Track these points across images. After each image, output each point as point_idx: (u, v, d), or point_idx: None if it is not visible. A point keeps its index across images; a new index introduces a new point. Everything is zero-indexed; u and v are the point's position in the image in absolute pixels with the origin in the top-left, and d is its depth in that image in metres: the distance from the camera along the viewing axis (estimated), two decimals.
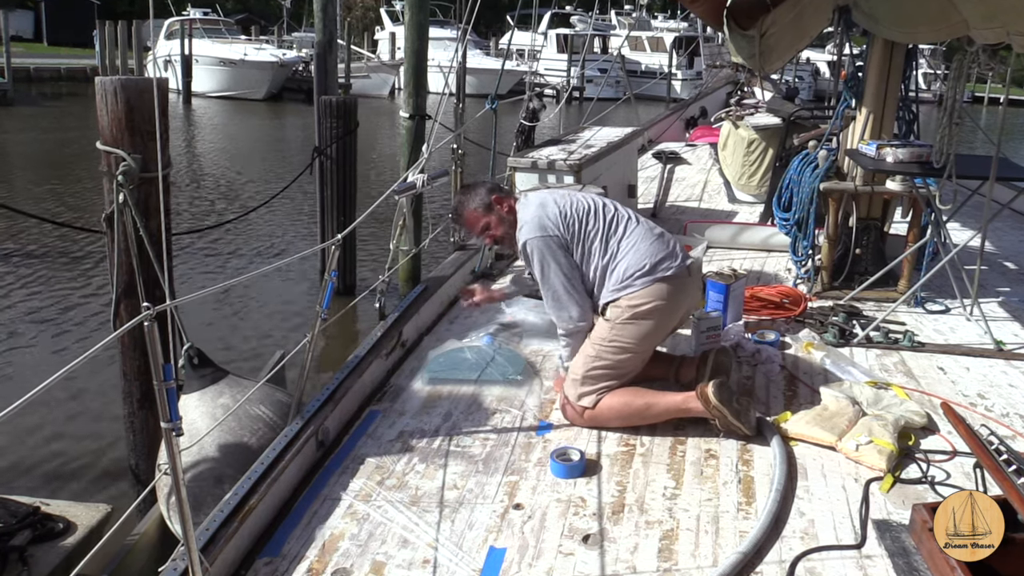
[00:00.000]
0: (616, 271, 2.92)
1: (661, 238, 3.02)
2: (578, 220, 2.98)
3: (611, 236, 2.97)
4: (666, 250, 2.97)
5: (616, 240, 2.96)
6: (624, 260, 2.92)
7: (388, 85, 29.06)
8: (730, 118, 7.57)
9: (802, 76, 28.78)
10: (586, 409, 2.90)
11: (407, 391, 3.23)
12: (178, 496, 1.83)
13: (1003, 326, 4.08)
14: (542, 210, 3.00)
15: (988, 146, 4.29)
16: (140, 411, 3.81)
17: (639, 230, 3.00)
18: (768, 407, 3.13)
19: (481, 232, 3.18)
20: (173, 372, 1.79)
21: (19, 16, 36.47)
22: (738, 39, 5.21)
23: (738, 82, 12.02)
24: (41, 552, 2.61)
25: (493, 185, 3.23)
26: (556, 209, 3.00)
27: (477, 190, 3.18)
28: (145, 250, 3.44)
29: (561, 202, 3.03)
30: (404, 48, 6.38)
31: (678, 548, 2.27)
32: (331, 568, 2.18)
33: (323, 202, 7.25)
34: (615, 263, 2.93)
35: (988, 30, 3.45)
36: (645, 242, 2.96)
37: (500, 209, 3.13)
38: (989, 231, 5.32)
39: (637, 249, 2.93)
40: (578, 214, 2.99)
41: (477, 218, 3.15)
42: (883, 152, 4.13)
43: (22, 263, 8.09)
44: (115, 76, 3.46)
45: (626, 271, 2.90)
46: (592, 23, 24.92)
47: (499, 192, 3.18)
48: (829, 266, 4.49)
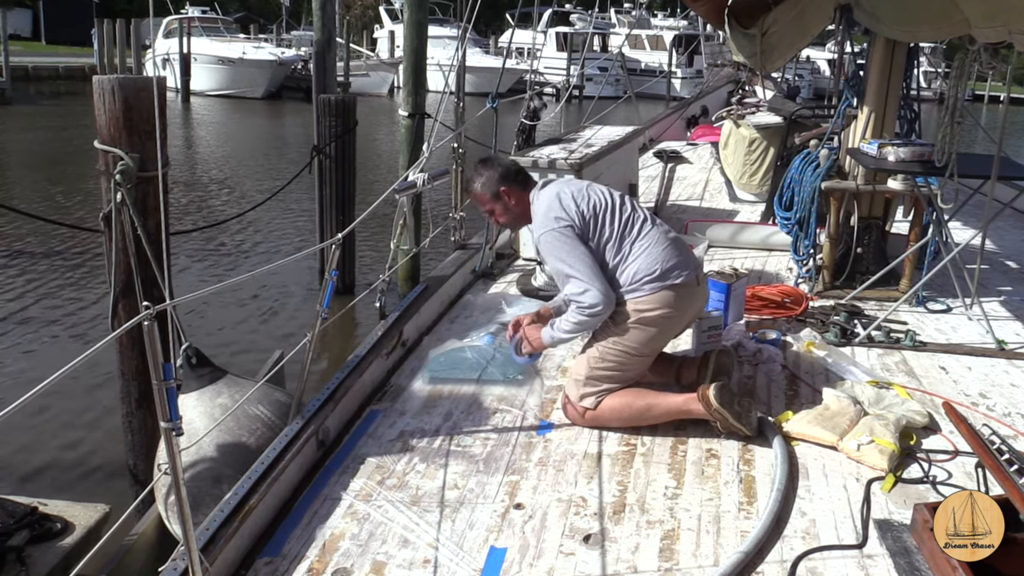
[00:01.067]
0: (626, 272, 2.87)
1: (675, 243, 2.97)
2: (594, 216, 2.91)
3: (625, 236, 2.91)
4: (679, 256, 2.92)
5: (630, 241, 2.90)
6: (635, 262, 2.87)
7: (387, 83, 29.03)
8: (731, 117, 7.56)
9: (801, 74, 28.72)
10: (587, 410, 2.89)
11: (408, 391, 3.23)
12: (178, 496, 1.83)
13: (1005, 325, 4.07)
14: (557, 202, 2.93)
15: (987, 145, 4.28)
16: (138, 411, 3.80)
17: (653, 233, 2.93)
18: (769, 407, 3.13)
19: (487, 212, 3.21)
20: (173, 371, 1.78)
21: (17, 14, 36.37)
22: (739, 37, 5.20)
23: (739, 81, 12.00)
24: (39, 552, 2.59)
25: (507, 171, 3.12)
26: (572, 203, 2.92)
27: (491, 172, 3.11)
28: (143, 249, 3.42)
29: (578, 196, 2.95)
30: (403, 46, 6.38)
31: (679, 548, 2.27)
32: (331, 568, 2.17)
33: (322, 201, 7.23)
34: (626, 264, 2.88)
35: (989, 29, 3.44)
36: (659, 246, 2.90)
37: (508, 200, 3.09)
38: (991, 230, 5.32)
39: (649, 253, 2.87)
40: (594, 210, 2.92)
41: (484, 200, 3.14)
42: (885, 151, 4.12)
43: (19, 262, 8.06)
44: (113, 75, 3.45)
45: (636, 274, 2.85)
46: (592, 21, 24.88)
47: (511, 183, 3.09)
48: (830, 265, 4.48)
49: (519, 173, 3.15)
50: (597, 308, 2.81)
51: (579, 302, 2.83)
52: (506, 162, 3.22)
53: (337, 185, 7.10)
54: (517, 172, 3.14)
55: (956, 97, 3.88)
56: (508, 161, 3.28)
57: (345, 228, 3.35)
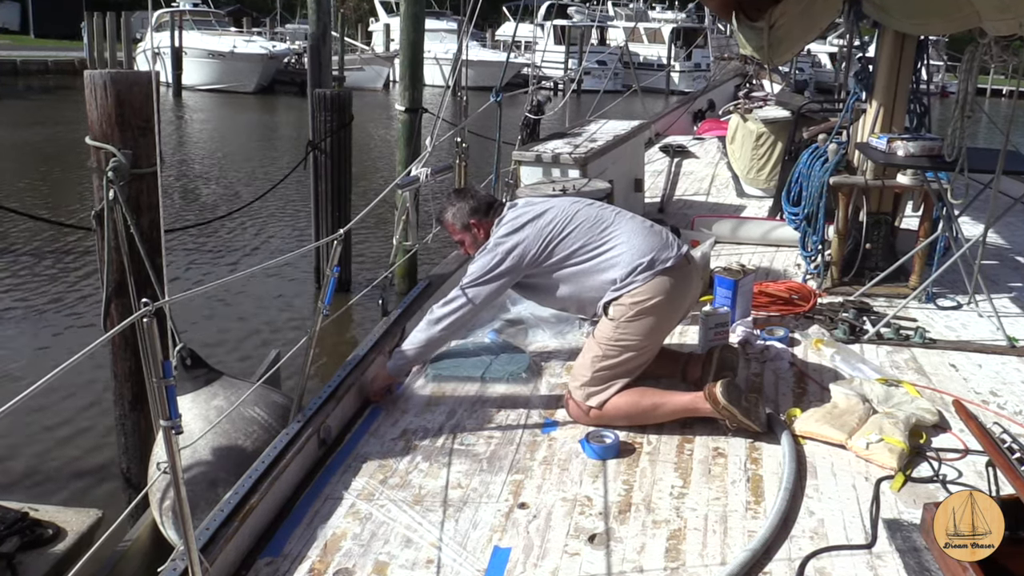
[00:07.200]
0: (613, 270, 2.88)
1: (652, 229, 3.01)
2: (557, 233, 2.96)
3: (602, 236, 2.94)
4: (661, 241, 2.95)
5: (608, 239, 2.93)
6: (620, 257, 2.88)
7: (382, 78, 28.88)
8: (738, 111, 7.51)
9: (803, 68, 28.54)
10: (592, 409, 2.86)
11: (410, 388, 3.20)
12: (177, 495, 1.80)
13: (1016, 322, 4.02)
14: (518, 222, 3.00)
15: (989, 140, 4.23)
16: (132, 413, 3.74)
17: (630, 225, 2.98)
18: (777, 405, 3.09)
19: (457, 242, 3.32)
20: (172, 369, 1.75)
21: (5, 8, 36.17)
22: (747, 30, 5.15)
23: (746, 74, 11.93)
24: (30, 559, 2.54)
25: (479, 204, 3.17)
26: (532, 224, 2.98)
27: (463, 204, 3.19)
28: (136, 248, 3.38)
29: (538, 216, 3.00)
30: (400, 40, 6.34)
31: (686, 548, 2.24)
32: (333, 568, 2.15)
33: (318, 197, 7.18)
34: (611, 262, 2.89)
35: (1001, 21, 3.39)
36: (638, 236, 2.93)
37: (477, 232, 3.16)
38: (1002, 226, 5.26)
39: (632, 245, 2.90)
40: (555, 225, 2.97)
41: (454, 231, 3.24)
42: (894, 145, 4.07)
43: (7, 261, 7.96)
44: (105, 70, 3.41)
45: (625, 268, 2.86)
46: (590, 14, 24.75)
47: (482, 216, 3.15)
48: (839, 261, 4.44)
49: (491, 207, 3.18)
50: (448, 316, 2.95)
51: (445, 302, 2.98)
52: (480, 195, 3.26)
53: (333, 181, 7.04)
54: (490, 206, 3.18)
55: (966, 91, 3.83)
56: (483, 194, 3.31)
57: (342, 224, 3.32)
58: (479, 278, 2.96)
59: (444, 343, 3.18)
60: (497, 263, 2.96)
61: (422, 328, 3.04)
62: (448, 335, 3.07)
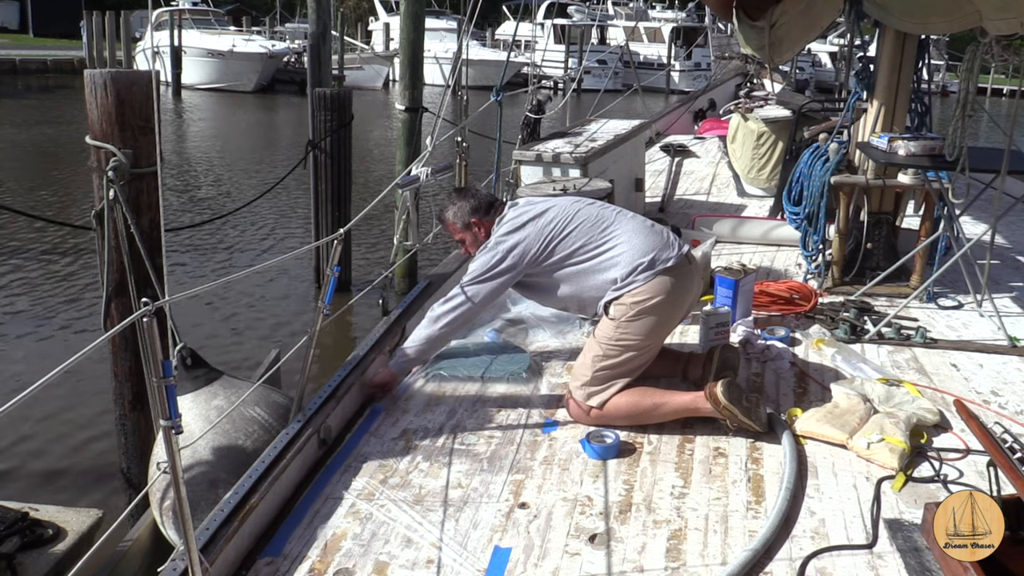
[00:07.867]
0: (614, 270, 2.88)
1: (653, 229, 3.01)
2: (558, 232, 2.96)
3: (602, 236, 2.94)
4: (662, 241, 2.94)
5: (608, 239, 2.93)
6: (621, 257, 2.88)
7: (382, 77, 28.86)
8: (739, 110, 7.50)
9: (803, 67, 28.52)
10: (593, 408, 2.86)
11: (410, 388, 3.20)
12: (177, 494, 1.80)
13: (1017, 322, 4.01)
14: (519, 221, 3.00)
15: (991, 139, 4.22)
16: (132, 413, 3.74)
17: (631, 224, 2.98)
18: (778, 404, 3.09)
19: (458, 242, 3.31)
20: (172, 369, 1.75)
21: (5, 7, 36.14)
22: (747, 30, 5.14)
23: (747, 74, 11.93)
24: (30, 559, 2.53)
25: (480, 203, 3.17)
26: (533, 223, 2.98)
27: (464, 203, 3.19)
28: (136, 247, 3.37)
29: (539, 216, 3.01)
30: (400, 39, 6.33)
31: (686, 548, 2.24)
32: (333, 568, 2.14)
33: (318, 196, 7.17)
34: (611, 262, 2.89)
35: (1002, 21, 3.38)
36: (639, 236, 2.93)
37: (477, 232, 3.16)
38: (1003, 226, 5.25)
39: (633, 244, 2.89)
40: (556, 225, 2.97)
41: (455, 230, 3.23)
42: (895, 145, 4.07)
43: (6, 261, 7.96)
44: (105, 69, 3.40)
45: (626, 267, 2.86)
46: (590, 13, 24.75)
47: (482, 215, 3.15)
48: (840, 261, 4.43)
49: (492, 206, 3.18)
50: (449, 312, 2.97)
51: (448, 299, 2.99)
52: (481, 194, 3.26)
53: (333, 180, 7.04)
54: (491, 205, 3.18)
55: (967, 90, 3.82)
56: (484, 193, 3.30)
57: (342, 224, 3.32)
58: (480, 276, 2.97)
59: (445, 341, 3.19)
60: (498, 261, 2.96)
61: (423, 326, 3.05)
62: (449, 333, 3.07)
